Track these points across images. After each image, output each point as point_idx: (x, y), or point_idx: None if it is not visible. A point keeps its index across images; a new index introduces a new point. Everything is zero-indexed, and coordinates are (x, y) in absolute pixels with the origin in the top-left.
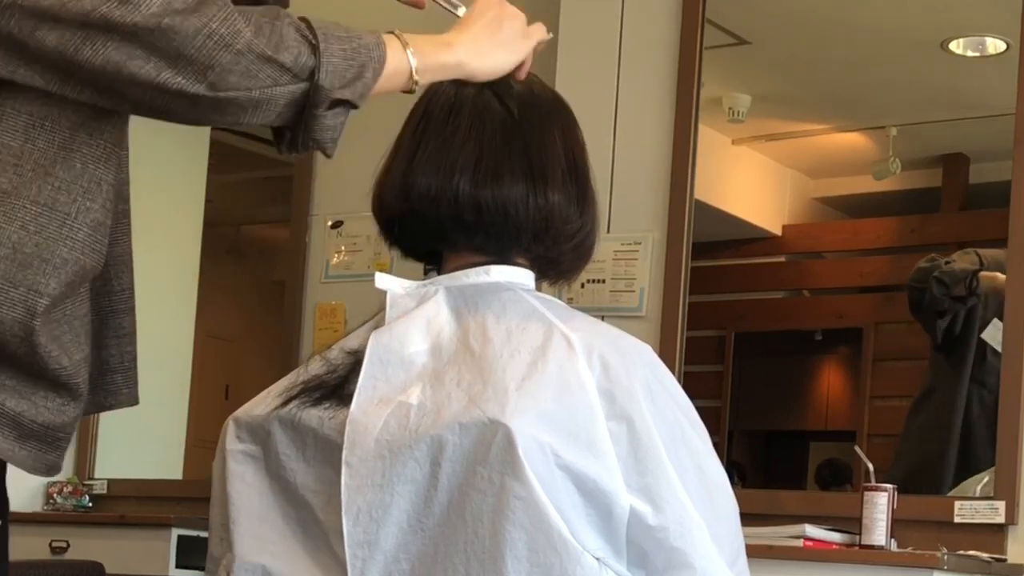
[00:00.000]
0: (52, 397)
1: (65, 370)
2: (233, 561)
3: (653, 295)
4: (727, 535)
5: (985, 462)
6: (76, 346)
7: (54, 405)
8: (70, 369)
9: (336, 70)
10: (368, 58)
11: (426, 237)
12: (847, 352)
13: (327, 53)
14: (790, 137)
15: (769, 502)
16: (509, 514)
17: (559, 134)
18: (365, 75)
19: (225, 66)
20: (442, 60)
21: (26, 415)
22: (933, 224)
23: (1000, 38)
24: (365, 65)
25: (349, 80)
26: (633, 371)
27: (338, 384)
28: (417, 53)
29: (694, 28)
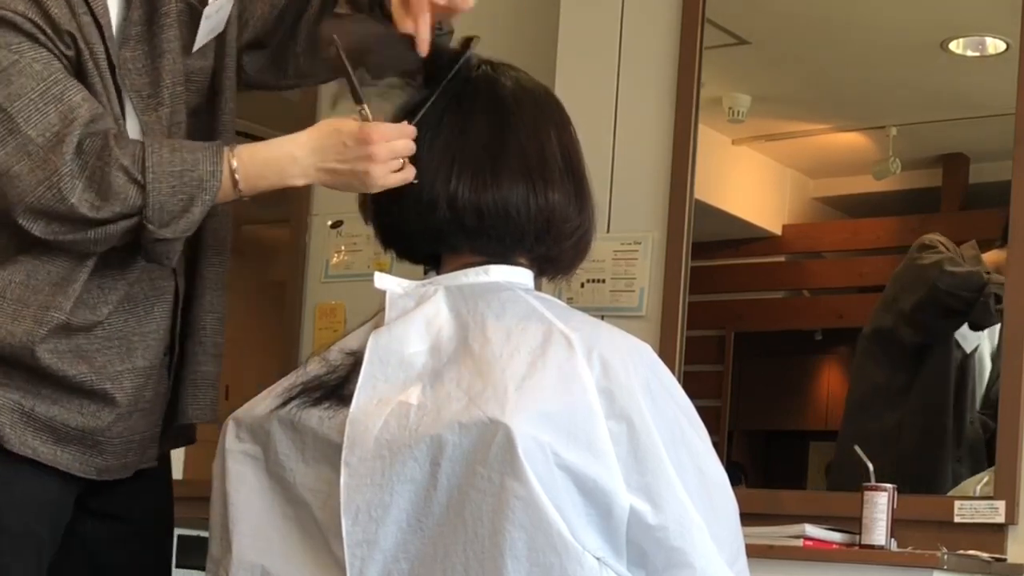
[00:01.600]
0: (86, 404)
1: (85, 376)
2: (233, 561)
3: (653, 295)
4: (727, 535)
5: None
6: (123, 358)
7: (88, 411)
8: (91, 376)
9: (162, 207)
10: (199, 191)
11: (425, 241)
12: (847, 352)
13: (154, 192)
14: (790, 137)
15: (769, 502)
16: (509, 514)
17: (553, 131)
18: (192, 210)
19: (61, 214)
20: (271, 182)
21: (58, 419)
22: (933, 224)
23: (1000, 38)
24: (194, 199)
25: (176, 214)
26: (633, 371)
27: (338, 384)
28: (243, 169)
29: (694, 28)
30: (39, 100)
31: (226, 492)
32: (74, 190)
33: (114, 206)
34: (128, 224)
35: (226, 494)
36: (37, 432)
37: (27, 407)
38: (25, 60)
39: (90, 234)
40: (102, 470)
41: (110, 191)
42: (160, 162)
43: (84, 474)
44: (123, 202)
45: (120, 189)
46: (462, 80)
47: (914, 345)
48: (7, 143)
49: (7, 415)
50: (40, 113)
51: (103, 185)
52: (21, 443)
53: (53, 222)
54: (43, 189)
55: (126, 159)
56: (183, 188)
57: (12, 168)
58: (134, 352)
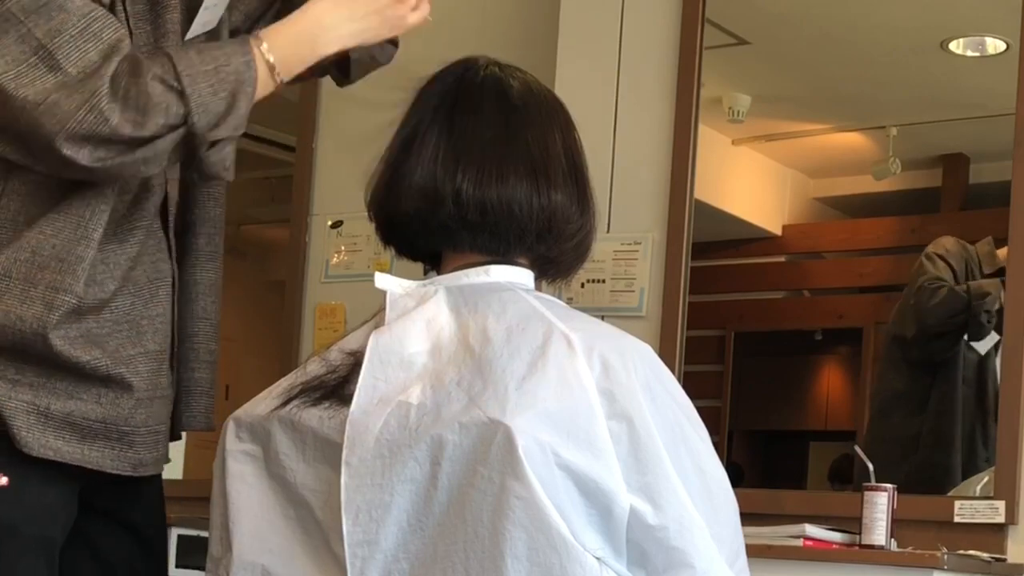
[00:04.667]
0: (104, 392)
1: (99, 361)
2: (233, 561)
3: (653, 295)
4: (727, 534)
5: (981, 456)
6: (133, 342)
7: (107, 400)
8: (105, 360)
9: (206, 107)
10: (238, 83)
11: (428, 237)
12: (847, 352)
13: (195, 94)
14: (790, 137)
15: (769, 502)
16: (509, 513)
17: (559, 133)
18: (238, 104)
19: (105, 136)
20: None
21: (77, 414)
22: (933, 224)
23: (1000, 38)
24: (236, 95)
25: (222, 114)
26: (633, 370)
27: (338, 384)
28: (275, 51)
29: (694, 28)
30: (79, 37)
31: (226, 492)
32: (114, 111)
33: (157, 118)
34: (175, 137)
35: (226, 494)
36: (58, 431)
37: (42, 406)
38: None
39: (138, 154)
40: (137, 464)
41: (149, 103)
42: (191, 63)
43: (118, 470)
44: (165, 112)
45: (159, 99)
46: (471, 81)
47: (924, 359)
48: (47, 79)
49: (22, 418)
50: (80, 51)
51: (141, 99)
52: (41, 445)
53: (99, 147)
54: (83, 113)
55: (158, 68)
56: (222, 85)
57: (50, 97)
58: (144, 336)
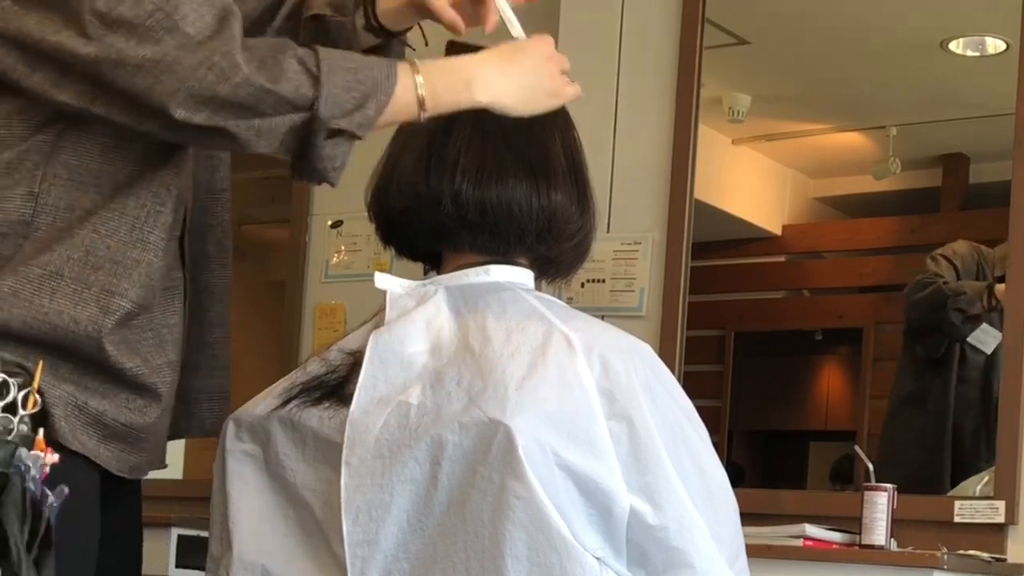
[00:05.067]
0: (134, 399)
1: (139, 368)
2: (233, 561)
3: (653, 295)
4: (727, 534)
5: (983, 457)
6: (159, 351)
7: (135, 406)
8: (144, 368)
9: (336, 100)
10: (373, 89)
11: (427, 237)
12: (847, 352)
13: (328, 83)
14: (790, 137)
15: (769, 502)
16: (509, 513)
17: (558, 133)
18: (367, 106)
19: (224, 98)
20: (456, 98)
21: (108, 414)
22: (933, 224)
23: (1000, 38)
24: (368, 96)
25: (349, 110)
26: (633, 370)
27: (338, 384)
28: (428, 84)
29: (694, 28)
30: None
31: (226, 492)
32: (242, 65)
33: (285, 89)
34: (296, 119)
35: (226, 494)
36: (86, 427)
37: (80, 400)
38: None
39: (255, 123)
40: (134, 467)
41: (282, 75)
42: (334, 57)
43: (119, 471)
44: (295, 89)
45: (293, 75)
46: None
47: (925, 357)
48: (165, 41)
49: (61, 408)
50: (196, 13)
51: (275, 70)
52: (74, 438)
53: (218, 108)
54: (204, 70)
55: (300, 50)
56: (357, 85)
57: (167, 56)
58: (166, 344)
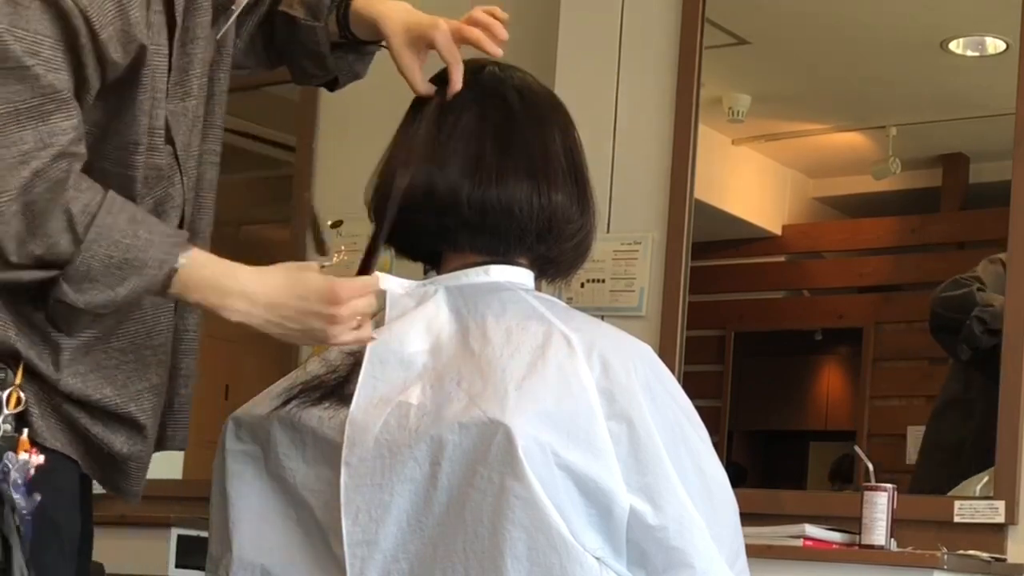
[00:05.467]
0: (120, 431)
1: (110, 400)
2: (232, 561)
3: (653, 295)
4: (727, 534)
5: None
6: (140, 376)
7: (121, 439)
8: (117, 399)
9: (89, 272)
10: (135, 274)
11: (428, 238)
12: (847, 352)
13: (86, 252)
14: (790, 137)
15: (769, 502)
16: (509, 513)
17: (558, 133)
18: (117, 289)
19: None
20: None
21: (80, 423)
22: (933, 224)
23: (1000, 38)
24: (126, 279)
25: (97, 287)
26: (633, 371)
27: (338, 384)
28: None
29: (694, 28)
30: (24, 114)
31: (226, 492)
32: (11, 215)
33: (37, 247)
34: (42, 275)
35: (226, 494)
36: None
37: (54, 402)
38: (39, 68)
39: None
40: (115, 488)
41: (40, 230)
42: (111, 226)
43: (101, 483)
44: (49, 248)
45: (53, 232)
46: (471, 81)
47: (970, 360)
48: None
49: (39, 406)
50: (19, 126)
51: (37, 219)
52: (52, 436)
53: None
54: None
55: (76, 205)
56: (121, 264)
57: None
58: (148, 368)
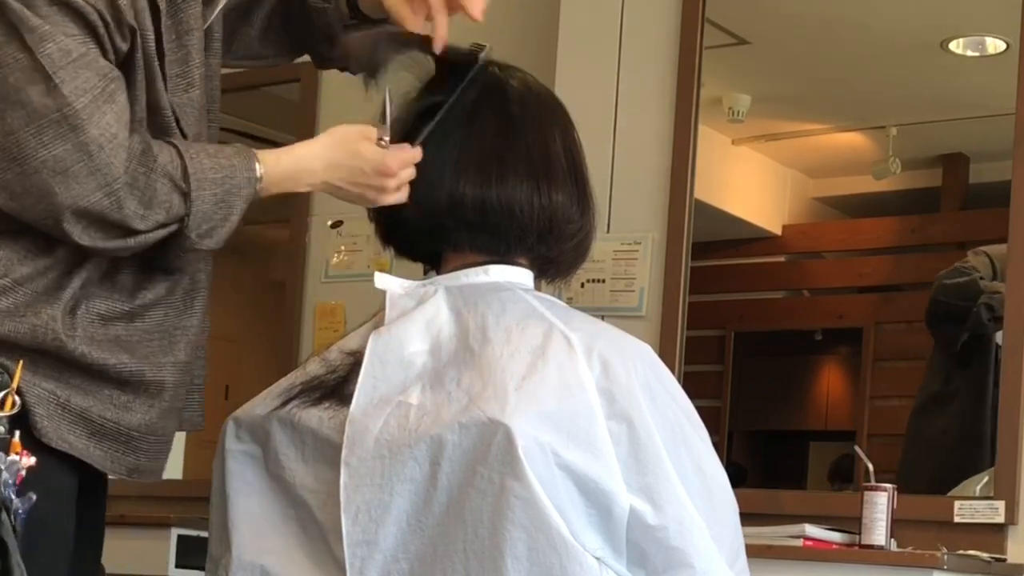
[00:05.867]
0: (117, 395)
1: (125, 366)
2: (232, 561)
3: (653, 295)
4: (727, 534)
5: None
6: (166, 351)
7: (119, 402)
8: (131, 365)
9: (205, 216)
10: (238, 198)
11: (428, 238)
12: (847, 352)
13: (198, 200)
14: (790, 137)
15: (769, 502)
16: (509, 513)
17: (559, 133)
18: (231, 218)
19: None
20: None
21: (93, 411)
22: (933, 224)
23: (1000, 38)
24: (233, 207)
25: (215, 225)
26: (633, 371)
27: (338, 384)
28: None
29: (694, 28)
30: (100, 98)
31: (226, 492)
32: (127, 201)
33: (158, 215)
34: (166, 232)
35: (226, 494)
36: (72, 425)
37: (62, 398)
38: (92, 54)
39: (129, 242)
40: (132, 469)
41: (155, 199)
42: (202, 168)
43: (114, 473)
44: (167, 211)
45: (164, 197)
46: (471, 81)
47: (953, 353)
48: (68, 139)
49: (43, 406)
50: (100, 112)
51: (147, 192)
52: (58, 437)
53: (95, 227)
54: (100, 195)
55: (167, 162)
56: (224, 196)
57: (71, 168)
58: (176, 345)
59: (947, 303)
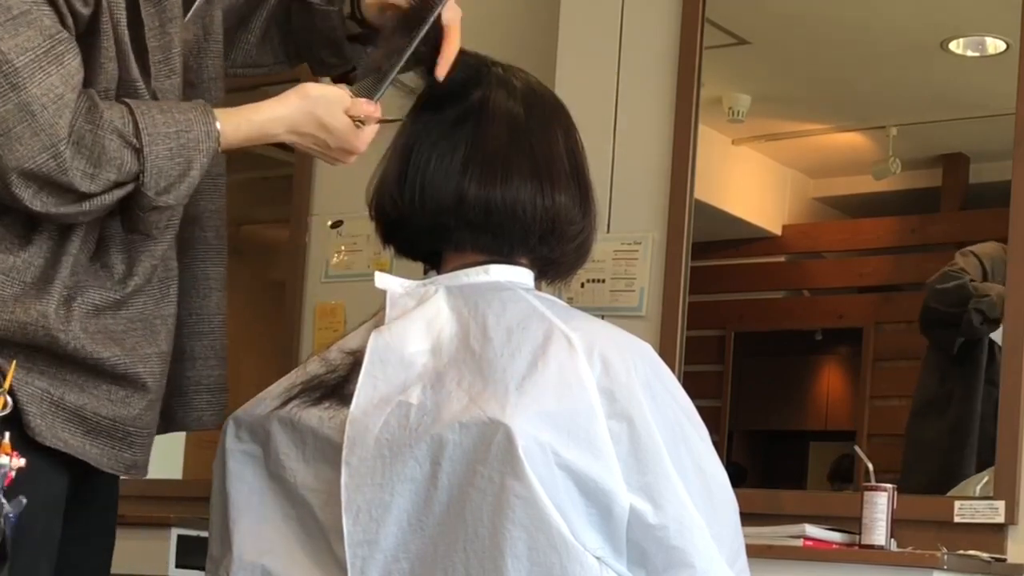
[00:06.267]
0: (115, 390)
1: (119, 359)
2: (233, 561)
3: (653, 295)
4: (727, 534)
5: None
6: (149, 341)
7: (117, 397)
8: (125, 358)
9: (161, 172)
10: (196, 152)
11: (430, 237)
12: (847, 352)
13: (151, 156)
14: (790, 137)
15: (769, 502)
16: (509, 513)
17: (561, 134)
18: (191, 173)
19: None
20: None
21: (88, 408)
22: (933, 224)
23: (1000, 38)
24: (192, 162)
25: (174, 181)
26: (633, 370)
27: (338, 384)
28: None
29: (694, 28)
30: (44, 58)
31: (226, 492)
32: (71, 159)
33: (109, 173)
34: (122, 192)
35: (226, 494)
36: (67, 423)
37: (56, 396)
38: (36, 12)
39: (83, 206)
40: (130, 465)
41: (104, 156)
42: (154, 123)
43: (112, 469)
44: (118, 168)
45: (114, 154)
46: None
47: (948, 355)
48: (9, 99)
49: (36, 405)
50: (44, 72)
51: (95, 150)
52: (52, 435)
53: (48, 192)
54: (46, 156)
55: (117, 119)
56: (180, 151)
57: (13, 128)
58: (158, 335)
59: (938, 309)
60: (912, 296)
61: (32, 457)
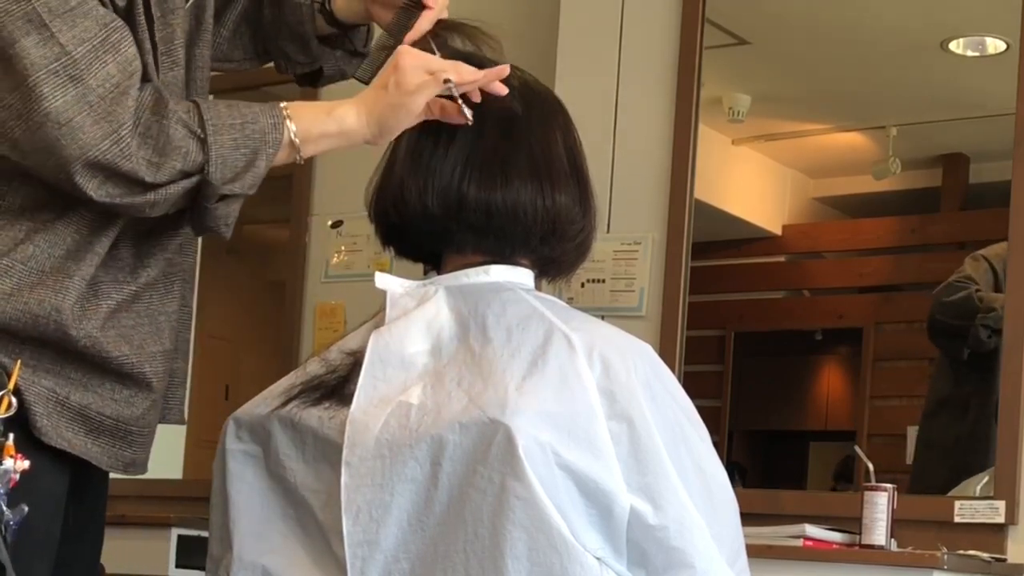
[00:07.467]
0: (119, 388)
1: (126, 358)
2: (233, 561)
3: (653, 295)
4: (727, 534)
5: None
6: (155, 339)
7: (121, 397)
8: (133, 357)
9: (226, 162)
10: (262, 143)
11: (430, 240)
12: (847, 352)
13: (216, 145)
14: (790, 137)
15: (769, 502)
16: (509, 513)
17: (560, 134)
18: (257, 163)
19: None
20: (325, 129)
21: (92, 408)
22: (933, 224)
23: (1000, 38)
24: (258, 152)
25: (240, 171)
26: (633, 370)
27: (338, 384)
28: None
29: (694, 28)
30: (100, 47)
31: (226, 492)
32: (135, 148)
33: (175, 162)
34: (188, 184)
35: (226, 494)
36: (70, 423)
37: (61, 395)
38: (91, 3)
39: (149, 196)
40: (129, 463)
41: (169, 145)
42: (218, 115)
43: (112, 468)
44: (183, 157)
45: (180, 143)
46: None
47: (962, 360)
48: (68, 90)
49: (43, 405)
50: (100, 62)
51: (160, 139)
52: (57, 435)
53: (110, 181)
54: (108, 144)
55: (183, 111)
56: (245, 141)
57: (74, 119)
58: (162, 333)
59: (945, 322)
60: (912, 296)
61: (35, 457)
